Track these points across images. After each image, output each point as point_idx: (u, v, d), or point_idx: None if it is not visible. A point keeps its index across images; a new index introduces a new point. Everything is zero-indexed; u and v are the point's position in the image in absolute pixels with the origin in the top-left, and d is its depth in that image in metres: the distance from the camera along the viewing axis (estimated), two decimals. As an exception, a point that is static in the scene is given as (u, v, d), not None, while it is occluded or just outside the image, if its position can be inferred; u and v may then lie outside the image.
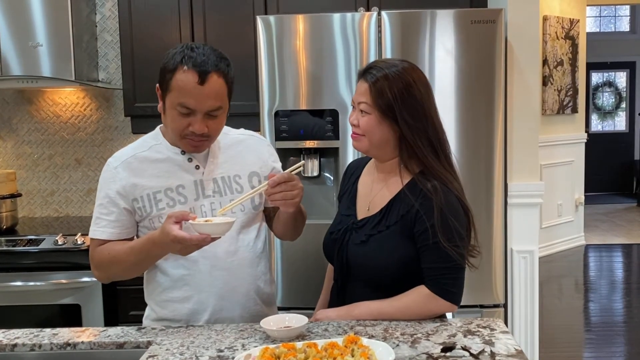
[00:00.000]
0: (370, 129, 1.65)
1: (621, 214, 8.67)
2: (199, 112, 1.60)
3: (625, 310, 4.79)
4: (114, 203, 1.70)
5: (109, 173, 1.72)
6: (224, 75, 1.61)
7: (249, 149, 1.81)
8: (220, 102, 1.62)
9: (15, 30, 3.04)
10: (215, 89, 1.59)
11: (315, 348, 1.35)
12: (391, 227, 1.64)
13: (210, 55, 1.60)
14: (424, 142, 1.63)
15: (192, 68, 1.57)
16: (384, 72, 1.63)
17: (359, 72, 1.71)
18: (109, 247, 1.70)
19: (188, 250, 1.56)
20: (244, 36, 2.97)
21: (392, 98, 1.61)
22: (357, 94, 1.69)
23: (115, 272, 1.73)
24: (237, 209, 1.74)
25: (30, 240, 2.86)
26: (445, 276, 1.60)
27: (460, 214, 1.62)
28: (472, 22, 2.54)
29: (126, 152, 1.75)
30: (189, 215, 1.55)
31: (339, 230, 1.75)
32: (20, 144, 3.47)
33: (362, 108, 1.66)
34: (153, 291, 1.79)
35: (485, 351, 1.42)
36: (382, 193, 1.70)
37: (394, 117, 1.62)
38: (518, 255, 2.73)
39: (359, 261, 1.68)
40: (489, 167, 2.58)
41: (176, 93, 1.59)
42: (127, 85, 3.06)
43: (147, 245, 1.62)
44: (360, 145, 1.70)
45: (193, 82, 1.57)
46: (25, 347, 1.56)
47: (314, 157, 2.67)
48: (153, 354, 1.46)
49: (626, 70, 10.21)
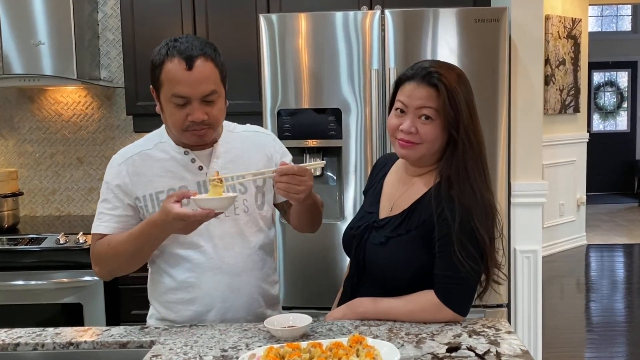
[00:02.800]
0: (434, 137, 1.57)
1: (623, 213, 8.66)
2: (195, 99, 1.59)
3: (627, 310, 4.78)
4: (118, 199, 1.69)
5: (114, 169, 1.71)
6: (211, 59, 1.61)
7: (254, 146, 1.79)
8: (213, 85, 1.60)
9: (17, 29, 3.03)
10: (205, 73, 1.58)
11: (320, 348, 1.34)
12: (411, 232, 1.60)
13: (193, 41, 1.60)
14: (473, 153, 1.56)
15: (177, 56, 1.58)
16: (448, 76, 1.55)
17: (408, 75, 1.60)
18: (109, 239, 1.68)
19: (190, 228, 1.54)
20: (247, 35, 2.96)
21: (460, 105, 1.54)
22: (414, 99, 1.57)
23: (116, 264, 1.70)
24: (241, 210, 1.72)
25: (32, 239, 2.86)
26: (455, 287, 1.56)
27: (484, 226, 1.54)
28: (476, 21, 2.53)
29: (131, 150, 1.74)
30: (188, 193, 1.54)
31: (359, 227, 1.72)
32: (21, 143, 3.46)
33: (427, 113, 1.56)
34: (157, 292, 1.77)
35: (491, 351, 1.41)
36: (407, 194, 1.66)
37: (456, 125, 1.55)
38: (521, 255, 2.72)
39: (376, 262, 1.65)
40: (493, 166, 2.56)
41: (167, 85, 1.59)
42: (129, 84, 3.05)
43: (147, 228, 1.60)
44: (414, 154, 1.60)
45: (181, 69, 1.57)
46: (28, 347, 1.55)
47: (317, 156, 2.66)
48: (156, 353, 1.45)
49: (628, 70, 10.20)
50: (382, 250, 1.63)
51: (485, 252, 1.55)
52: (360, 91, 2.59)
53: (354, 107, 2.60)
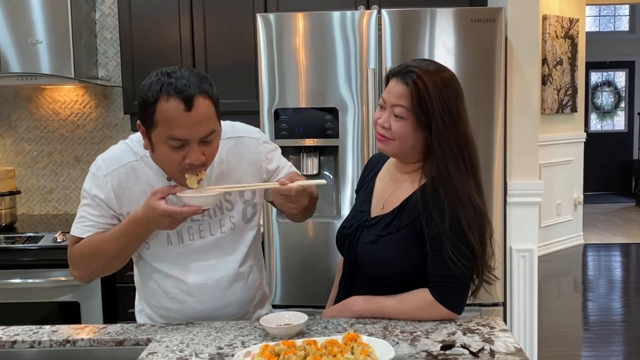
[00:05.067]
0: (404, 135, 1.58)
1: (620, 213, 8.67)
2: (193, 141, 1.47)
3: (624, 309, 4.80)
4: (102, 208, 1.63)
5: (99, 180, 1.62)
6: (209, 96, 1.49)
7: (241, 157, 1.70)
8: (212, 125, 1.50)
9: (15, 27, 3.04)
10: (204, 113, 1.47)
11: (315, 345, 1.35)
12: (401, 230, 1.61)
13: (190, 77, 1.47)
14: (453, 155, 1.56)
15: (174, 95, 1.44)
16: (425, 77, 1.55)
17: (394, 71, 1.62)
18: (90, 240, 1.61)
19: (175, 224, 1.53)
20: (244, 34, 2.96)
21: (432, 108, 1.54)
22: (391, 95, 1.59)
23: (99, 265, 1.65)
24: (228, 227, 1.69)
25: (29, 238, 2.86)
26: (449, 285, 1.57)
27: (473, 226, 1.55)
28: (472, 21, 2.54)
29: (117, 158, 1.64)
30: (174, 189, 1.52)
31: (351, 226, 1.72)
32: (19, 142, 3.47)
33: (398, 112, 1.57)
34: (145, 292, 1.75)
35: (485, 349, 1.42)
36: (398, 192, 1.67)
37: (429, 126, 1.56)
38: (517, 254, 2.73)
39: (367, 261, 1.66)
40: (489, 166, 2.58)
41: (163, 126, 1.46)
42: (127, 83, 3.05)
43: (130, 227, 1.55)
44: (388, 149, 1.63)
45: (179, 110, 1.44)
46: (25, 344, 1.56)
47: (314, 156, 2.66)
48: (153, 351, 1.46)
49: (625, 70, 10.21)
50: (373, 249, 1.64)
51: (475, 251, 1.56)
52: (357, 90, 2.60)
53: (350, 107, 2.60)
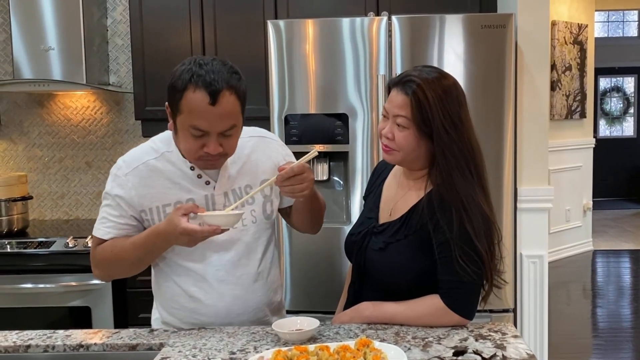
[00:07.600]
0: (407, 145, 1.58)
1: (629, 219, 8.63)
2: (213, 133, 1.52)
3: (633, 316, 4.77)
4: (122, 208, 1.66)
5: (120, 180, 1.66)
6: (236, 92, 1.51)
7: (261, 154, 1.75)
8: (234, 120, 1.53)
9: (27, 34, 3.07)
10: (227, 109, 1.50)
11: (328, 351, 1.35)
12: (409, 237, 1.61)
13: (220, 70, 1.50)
14: (457, 162, 1.56)
15: (202, 87, 1.47)
16: (426, 86, 1.55)
17: (394, 81, 1.62)
18: (112, 244, 1.66)
19: (194, 242, 1.55)
20: (254, 40, 2.98)
21: (432, 117, 1.53)
22: (392, 105, 1.59)
23: (118, 269, 1.71)
24: (249, 221, 1.72)
25: (41, 243, 2.88)
26: (460, 291, 1.57)
27: (481, 232, 1.55)
28: (482, 27, 2.55)
29: (137, 158, 1.69)
30: (197, 209, 1.54)
31: (359, 233, 1.73)
32: (31, 147, 3.50)
33: (400, 122, 1.57)
34: (161, 296, 1.77)
35: (497, 355, 1.42)
36: (405, 199, 1.67)
37: (431, 135, 1.56)
38: (527, 260, 2.72)
39: (376, 268, 1.67)
40: (499, 172, 2.58)
41: (187, 115, 1.50)
42: (138, 89, 3.08)
43: (151, 239, 1.60)
44: (393, 159, 1.63)
45: (204, 102, 1.47)
46: (39, 349, 1.57)
47: (324, 161, 2.67)
48: (165, 355, 1.47)
49: (634, 76, 10.18)
50: (382, 256, 1.64)
51: (484, 257, 1.56)
52: (367, 96, 2.61)
53: (360, 113, 2.61)
